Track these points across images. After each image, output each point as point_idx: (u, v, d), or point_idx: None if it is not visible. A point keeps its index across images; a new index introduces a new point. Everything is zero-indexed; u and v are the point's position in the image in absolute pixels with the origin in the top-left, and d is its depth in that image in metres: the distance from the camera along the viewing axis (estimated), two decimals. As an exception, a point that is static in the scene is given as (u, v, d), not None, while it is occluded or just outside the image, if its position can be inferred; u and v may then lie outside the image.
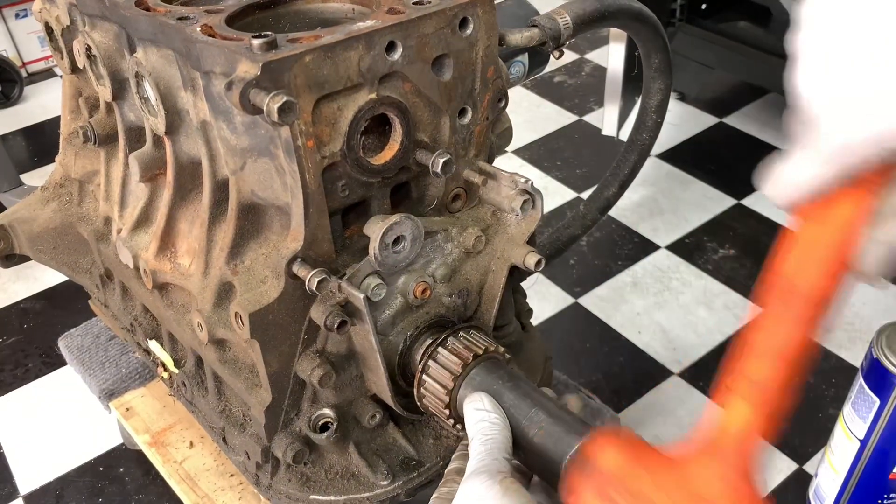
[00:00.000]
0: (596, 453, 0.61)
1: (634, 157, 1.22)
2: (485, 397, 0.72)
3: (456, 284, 0.84)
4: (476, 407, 0.71)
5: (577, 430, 0.68)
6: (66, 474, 1.51)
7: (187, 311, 0.92)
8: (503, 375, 0.75)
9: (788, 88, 0.50)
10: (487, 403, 0.71)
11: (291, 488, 0.88)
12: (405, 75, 0.73)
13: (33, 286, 1.97)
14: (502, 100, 0.85)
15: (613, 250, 2.01)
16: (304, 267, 0.73)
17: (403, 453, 0.90)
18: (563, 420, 0.69)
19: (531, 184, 0.81)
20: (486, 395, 0.73)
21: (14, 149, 2.54)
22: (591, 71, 2.83)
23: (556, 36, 0.89)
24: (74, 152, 1.09)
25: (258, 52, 0.64)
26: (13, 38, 2.84)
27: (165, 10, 0.78)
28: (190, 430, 1.14)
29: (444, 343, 0.78)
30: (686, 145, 2.41)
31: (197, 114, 0.77)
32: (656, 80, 1.14)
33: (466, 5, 0.74)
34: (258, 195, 0.77)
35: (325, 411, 0.84)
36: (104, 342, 1.33)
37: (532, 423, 0.70)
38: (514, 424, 0.71)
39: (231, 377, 0.87)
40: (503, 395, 0.73)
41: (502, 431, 0.69)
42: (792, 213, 0.53)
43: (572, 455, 0.66)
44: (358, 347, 0.80)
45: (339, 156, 0.71)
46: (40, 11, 0.97)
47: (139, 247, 0.94)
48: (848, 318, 1.78)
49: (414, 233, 0.76)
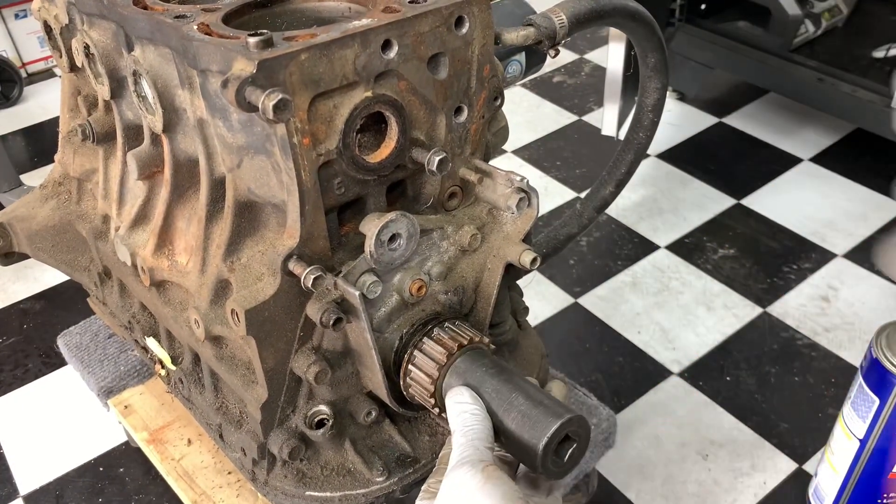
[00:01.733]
0: None
1: (631, 157, 1.22)
2: (465, 391, 0.73)
3: (452, 282, 0.84)
4: (456, 400, 0.72)
5: (555, 414, 0.68)
6: (66, 474, 1.51)
7: (184, 309, 0.93)
8: (486, 363, 0.76)
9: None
10: (467, 396, 0.72)
11: (287, 484, 0.88)
12: (401, 73, 0.73)
13: (33, 286, 1.97)
14: (498, 98, 0.85)
15: (613, 250, 2.01)
16: (300, 264, 0.73)
17: (399, 450, 0.90)
18: (542, 404, 0.70)
19: (527, 182, 0.81)
20: (466, 388, 0.74)
21: (14, 149, 2.54)
22: (591, 71, 2.83)
23: (551, 35, 0.89)
24: (73, 150, 1.09)
25: (254, 50, 0.65)
26: (13, 38, 2.84)
27: (163, 9, 0.78)
28: (188, 428, 1.14)
29: (429, 334, 0.79)
30: (686, 145, 2.41)
31: (194, 112, 0.78)
32: (652, 80, 1.14)
33: (462, 4, 0.74)
34: (255, 193, 0.77)
35: (320, 408, 0.84)
36: (103, 340, 1.34)
37: (511, 407, 0.70)
38: (495, 411, 0.71)
39: (228, 374, 0.87)
40: (486, 382, 0.74)
41: (482, 422, 0.70)
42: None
43: (549, 437, 0.66)
44: (354, 344, 0.80)
45: (334, 153, 0.72)
46: (39, 10, 0.98)
47: (137, 244, 0.95)
48: (848, 318, 1.78)
49: (409, 230, 0.76)
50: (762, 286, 1.88)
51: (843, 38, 2.33)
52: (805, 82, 2.13)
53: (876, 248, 1.98)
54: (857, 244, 2.00)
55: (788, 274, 1.92)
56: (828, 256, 1.97)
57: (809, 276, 1.91)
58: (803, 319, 1.78)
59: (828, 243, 2.01)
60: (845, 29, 2.38)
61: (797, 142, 2.39)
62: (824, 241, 2.02)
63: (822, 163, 2.30)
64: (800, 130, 2.44)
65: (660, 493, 1.43)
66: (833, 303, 1.83)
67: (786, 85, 2.21)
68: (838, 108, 2.12)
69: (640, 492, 1.43)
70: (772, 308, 1.82)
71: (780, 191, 2.20)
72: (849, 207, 2.13)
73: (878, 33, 2.30)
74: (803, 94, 2.18)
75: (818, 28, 2.28)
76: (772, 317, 1.79)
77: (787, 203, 2.15)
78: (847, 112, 2.12)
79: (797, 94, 2.21)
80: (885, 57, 2.19)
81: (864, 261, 1.95)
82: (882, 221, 2.08)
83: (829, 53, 2.22)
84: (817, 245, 2.00)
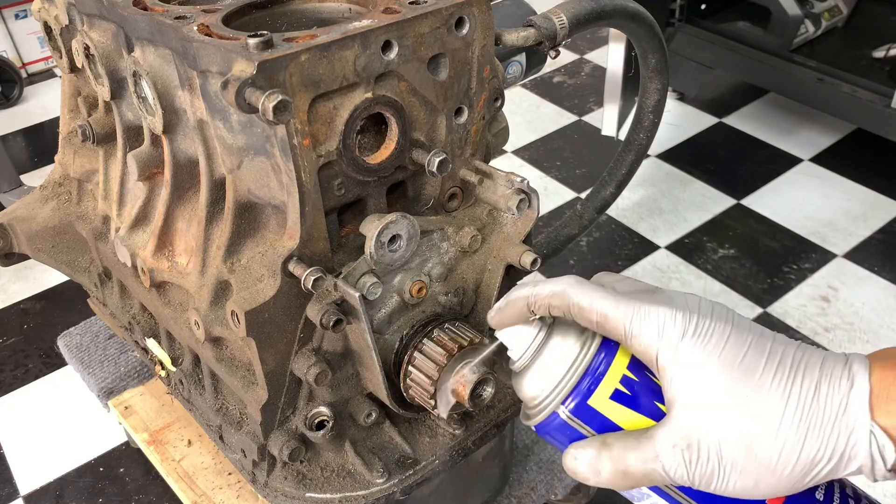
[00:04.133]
0: None
1: (631, 157, 1.22)
2: None
3: (452, 283, 0.84)
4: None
5: None
6: (66, 474, 1.51)
7: (185, 310, 0.93)
8: None
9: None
10: None
11: (287, 486, 0.88)
12: (401, 74, 0.73)
13: (33, 287, 1.97)
14: (498, 99, 0.85)
15: (613, 250, 2.01)
16: (300, 265, 0.73)
17: (399, 451, 0.90)
18: None
19: (527, 183, 0.81)
20: None
21: (14, 149, 2.54)
22: (591, 71, 2.83)
23: (552, 36, 0.89)
24: (73, 151, 1.09)
25: (254, 51, 0.65)
26: (13, 38, 2.84)
27: (163, 10, 0.78)
28: (188, 429, 1.14)
29: (429, 335, 0.79)
30: (686, 145, 2.41)
31: (194, 113, 0.77)
32: (653, 80, 1.14)
33: (462, 5, 0.74)
34: (255, 194, 0.77)
35: (321, 409, 0.84)
36: (103, 341, 1.34)
37: None
38: None
39: (228, 375, 0.87)
40: None
41: None
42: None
43: None
44: (354, 346, 0.80)
45: (334, 155, 0.72)
46: (39, 11, 0.98)
47: (137, 245, 0.95)
48: (848, 318, 1.78)
49: (410, 232, 0.76)
50: (762, 286, 1.88)
51: (843, 38, 2.33)
52: (805, 82, 2.13)
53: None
54: (857, 244, 2.00)
55: (788, 274, 1.92)
56: (828, 256, 1.97)
57: (809, 276, 1.91)
58: (803, 319, 1.78)
59: (828, 243, 2.01)
60: (845, 29, 2.38)
61: (797, 142, 2.39)
62: (824, 241, 2.02)
63: (822, 163, 2.30)
64: (800, 130, 2.44)
65: (660, 494, 1.43)
66: (833, 303, 1.83)
67: (786, 85, 2.21)
68: (838, 108, 2.12)
69: (641, 492, 1.43)
70: (772, 308, 1.82)
71: (780, 191, 2.20)
72: (849, 207, 2.13)
73: (878, 33, 2.30)
74: (803, 94, 2.18)
75: (818, 28, 2.28)
76: (772, 317, 1.80)
77: (787, 203, 2.15)
78: (847, 112, 2.12)
79: (797, 94, 2.21)
80: (885, 57, 2.19)
81: (864, 261, 1.95)
82: (882, 221, 2.08)
83: (829, 53, 2.22)
84: (817, 245, 2.00)
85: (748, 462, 0.50)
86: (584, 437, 0.58)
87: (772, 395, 0.50)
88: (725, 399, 0.51)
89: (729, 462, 0.51)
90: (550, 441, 0.60)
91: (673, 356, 0.52)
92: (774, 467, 0.50)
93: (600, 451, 0.55)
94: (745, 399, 0.51)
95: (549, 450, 1.20)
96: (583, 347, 0.58)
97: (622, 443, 0.54)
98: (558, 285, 0.57)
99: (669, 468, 0.52)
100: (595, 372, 0.57)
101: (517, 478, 1.16)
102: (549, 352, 0.59)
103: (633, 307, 0.54)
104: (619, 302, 0.55)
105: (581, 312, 0.56)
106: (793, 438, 0.50)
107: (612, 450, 0.55)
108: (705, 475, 0.52)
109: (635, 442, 0.54)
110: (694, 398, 0.52)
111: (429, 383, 0.76)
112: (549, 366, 0.59)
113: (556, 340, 0.59)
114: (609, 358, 0.57)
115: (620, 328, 0.54)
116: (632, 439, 0.54)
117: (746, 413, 0.51)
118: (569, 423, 0.58)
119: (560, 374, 0.58)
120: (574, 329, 0.59)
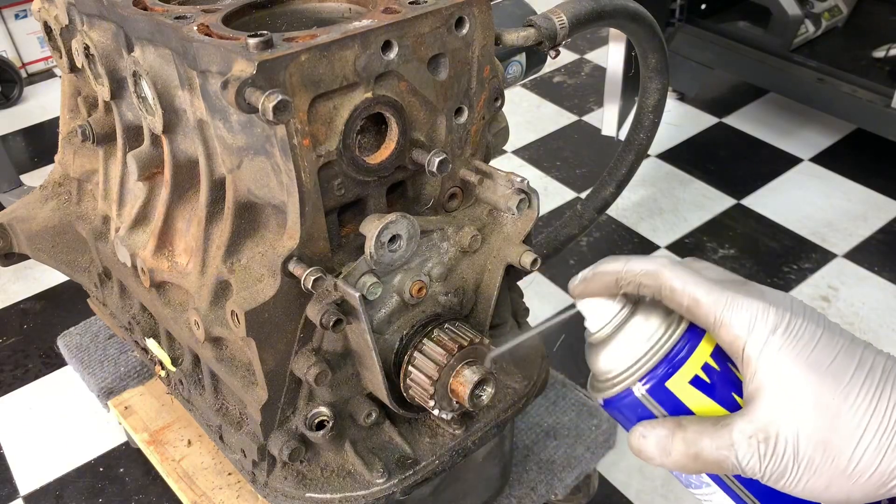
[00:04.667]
0: None
1: (632, 157, 1.22)
2: None
3: (452, 283, 0.84)
4: None
5: None
6: (66, 474, 1.51)
7: (184, 310, 0.93)
8: None
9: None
10: None
11: (287, 486, 0.88)
12: (401, 74, 0.73)
13: (33, 287, 1.97)
14: (498, 99, 0.85)
15: (613, 250, 2.01)
16: (300, 265, 0.73)
17: (399, 451, 0.90)
18: None
19: (527, 183, 0.81)
20: None
21: (14, 149, 2.54)
22: (591, 71, 2.83)
23: (552, 36, 0.89)
24: (73, 151, 1.09)
25: (254, 51, 0.65)
26: (13, 38, 2.84)
27: (163, 10, 0.78)
28: (188, 429, 1.14)
29: (429, 335, 0.79)
30: (686, 145, 2.41)
31: (194, 112, 0.77)
32: (653, 80, 1.14)
33: (462, 5, 0.74)
34: (254, 194, 0.77)
35: (321, 409, 0.84)
36: (103, 341, 1.34)
37: None
38: None
39: (227, 375, 0.87)
40: None
41: None
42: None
43: None
44: (354, 346, 0.80)
45: (334, 155, 0.72)
46: (39, 11, 0.98)
47: (137, 245, 0.95)
48: (848, 318, 1.78)
49: (410, 232, 0.76)
50: (762, 286, 1.88)
51: (843, 38, 2.33)
52: (805, 82, 2.13)
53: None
54: (857, 244, 2.00)
55: (788, 274, 1.92)
56: (828, 256, 1.97)
57: (809, 276, 1.91)
58: (803, 320, 1.78)
59: (828, 243, 2.01)
60: (845, 29, 2.38)
61: (797, 142, 2.39)
62: (824, 241, 2.01)
63: (822, 163, 2.30)
64: (800, 130, 2.44)
65: (660, 493, 1.43)
66: (833, 303, 1.83)
67: (786, 85, 2.21)
68: (838, 108, 2.12)
69: (640, 492, 1.43)
70: (772, 308, 1.81)
71: (780, 191, 2.20)
72: (849, 207, 2.13)
73: (878, 33, 2.30)
74: (803, 94, 2.18)
75: (818, 28, 2.28)
76: (772, 317, 1.79)
77: (787, 203, 2.15)
78: (847, 112, 2.12)
79: (797, 94, 2.21)
80: (885, 57, 2.19)
81: (864, 261, 1.95)
82: (882, 221, 2.08)
83: (829, 53, 2.22)
84: (817, 245, 2.00)
85: (824, 463, 0.50)
86: (652, 417, 0.57)
87: (858, 402, 0.50)
88: (810, 399, 0.50)
89: (805, 460, 0.50)
90: (615, 416, 0.60)
91: (760, 350, 0.51)
92: (851, 473, 0.50)
93: (674, 432, 0.54)
94: (830, 401, 0.50)
95: (550, 450, 1.20)
96: (668, 329, 0.57)
97: (698, 426, 0.53)
98: (653, 265, 0.56)
99: (743, 458, 0.51)
100: (678, 354, 0.56)
101: (517, 478, 1.16)
102: (630, 328, 0.58)
103: (726, 296, 0.53)
104: (711, 289, 0.54)
105: (672, 295, 0.55)
106: (874, 448, 0.49)
107: (686, 432, 0.54)
108: (777, 470, 0.51)
109: (712, 428, 0.53)
110: (777, 393, 0.51)
111: (429, 383, 0.76)
112: (630, 343, 0.58)
113: (639, 319, 0.58)
114: (694, 343, 0.57)
115: (711, 316, 0.53)
116: (708, 424, 0.53)
117: (829, 415, 0.50)
118: (642, 401, 0.57)
119: (641, 352, 0.57)
120: (658, 311, 0.58)
